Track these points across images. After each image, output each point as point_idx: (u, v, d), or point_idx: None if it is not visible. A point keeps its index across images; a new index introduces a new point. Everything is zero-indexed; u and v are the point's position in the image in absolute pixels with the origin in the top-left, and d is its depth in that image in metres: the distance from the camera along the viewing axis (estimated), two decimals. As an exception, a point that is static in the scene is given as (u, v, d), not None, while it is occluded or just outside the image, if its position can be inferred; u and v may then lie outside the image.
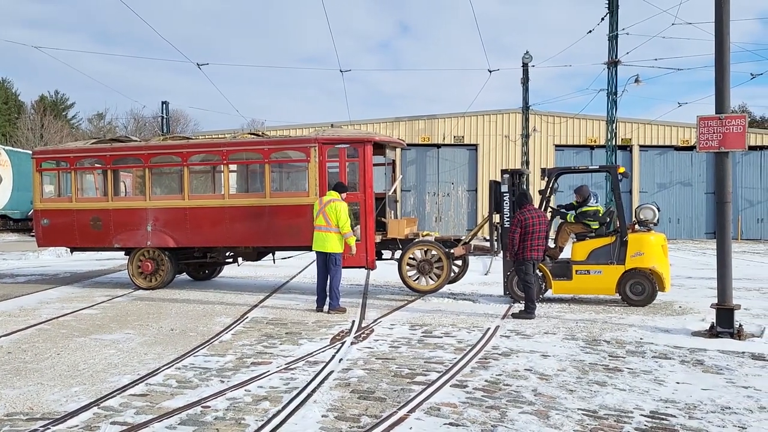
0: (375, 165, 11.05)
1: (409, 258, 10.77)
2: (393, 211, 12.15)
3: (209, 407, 4.79)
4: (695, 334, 7.53)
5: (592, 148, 31.39)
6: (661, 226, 10.48)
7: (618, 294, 9.69)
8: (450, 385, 5.37)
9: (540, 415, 4.64)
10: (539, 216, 8.90)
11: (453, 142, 31.93)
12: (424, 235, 11.33)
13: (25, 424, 4.46)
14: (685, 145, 31.33)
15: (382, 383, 5.44)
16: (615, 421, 4.52)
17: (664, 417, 4.62)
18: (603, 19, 25.11)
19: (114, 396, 5.09)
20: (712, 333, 7.40)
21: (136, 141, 12.81)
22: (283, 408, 4.75)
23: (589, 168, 12.36)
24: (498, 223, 10.48)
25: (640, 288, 9.58)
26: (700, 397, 5.11)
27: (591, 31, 25.91)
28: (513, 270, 9.75)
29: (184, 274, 13.02)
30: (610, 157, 26.38)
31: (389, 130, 31.06)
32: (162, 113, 39.89)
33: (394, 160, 12.77)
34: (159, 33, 73.16)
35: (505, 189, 10.21)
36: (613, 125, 26.26)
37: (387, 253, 11.54)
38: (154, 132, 48.04)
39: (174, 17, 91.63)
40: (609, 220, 10.25)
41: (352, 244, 9.26)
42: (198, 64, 23.14)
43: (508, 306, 9.59)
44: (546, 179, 10.25)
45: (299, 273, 14.20)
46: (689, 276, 13.93)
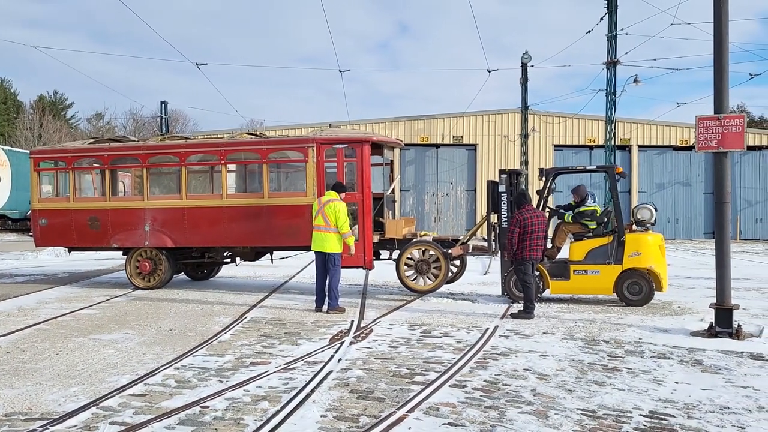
0: (373, 165, 11.05)
1: (407, 258, 10.77)
2: (391, 211, 12.15)
3: (208, 407, 4.79)
4: (694, 334, 7.53)
5: (591, 148, 31.42)
6: (659, 226, 10.50)
7: (615, 294, 9.71)
8: (449, 385, 5.37)
9: (539, 415, 4.64)
10: (538, 216, 8.91)
11: (452, 142, 31.94)
12: (421, 235, 11.34)
13: (23, 424, 4.46)
14: (684, 145, 31.37)
15: (381, 383, 5.44)
16: (614, 421, 4.53)
17: (663, 417, 4.62)
18: (602, 19, 25.15)
19: (113, 396, 5.08)
20: (710, 333, 7.40)
21: (134, 141, 12.81)
22: (282, 408, 4.75)
23: (587, 168, 12.37)
24: (495, 223, 10.48)
25: (637, 288, 9.59)
26: (698, 396, 5.11)
27: (590, 31, 26.00)
28: (511, 270, 9.76)
29: (182, 274, 13.01)
30: (609, 157, 26.40)
31: (388, 130, 31.06)
32: (161, 113, 39.86)
33: (392, 160, 12.78)
34: (158, 33, 73.13)
35: (502, 189, 10.23)
36: (612, 125, 26.29)
37: (385, 253, 11.54)
38: (153, 132, 48.02)
39: (173, 17, 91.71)
40: (606, 220, 10.26)
41: (351, 244, 9.26)
42: (197, 64, 23.16)
43: (507, 306, 9.60)
44: (544, 179, 10.26)
45: (298, 273, 14.20)
46: (688, 276, 13.95)
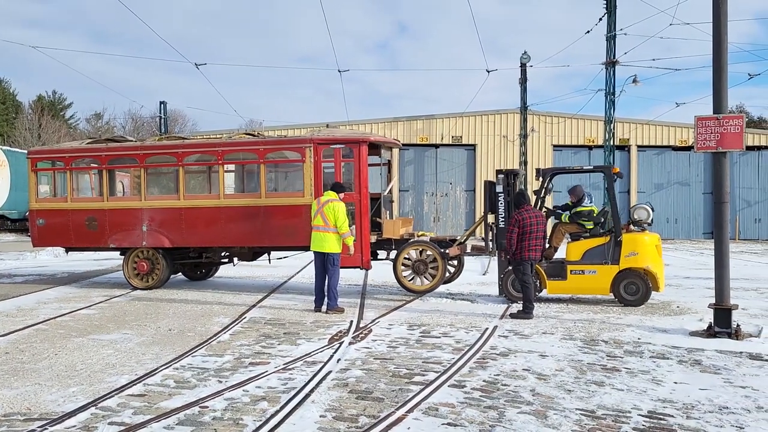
0: (370, 165, 11.05)
1: (404, 258, 10.78)
2: (389, 212, 12.15)
3: (207, 407, 4.78)
4: (693, 334, 7.54)
5: (590, 148, 31.44)
6: (658, 226, 10.52)
7: (612, 294, 9.71)
8: (448, 385, 5.37)
9: (538, 415, 4.64)
10: (537, 216, 8.91)
11: (451, 142, 31.95)
12: (419, 236, 11.35)
13: (22, 424, 4.45)
14: (683, 145, 31.40)
15: (380, 383, 5.44)
16: (613, 421, 4.53)
17: (662, 417, 4.62)
18: (601, 19, 25.13)
19: (112, 396, 5.08)
20: (709, 333, 7.41)
21: (132, 141, 12.80)
22: (281, 408, 4.75)
23: (584, 168, 12.35)
24: (492, 223, 10.48)
25: (634, 288, 9.59)
26: (697, 397, 5.11)
27: (589, 32, 25.97)
28: (508, 270, 9.75)
29: (180, 274, 13.00)
30: (608, 157, 26.39)
31: (387, 130, 31.07)
32: (160, 113, 39.86)
33: (389, 161, 12.78)
34: (157, 33, 73.31)
35: (499, 189, 10.22)
36: (611, 125, 26.28)
37: (382, 253, 11.54)
38: (152, 132, 48.01)
39: (172, 17, 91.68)
40: (603, 220, 10.26)
41: (350, 244, 9.27)
42: (196, 64, 23.12)
43: (506, 306, 9.60)
44: (541, 179, 10.27)
45: (297, 273, 14.19)
46: (687, 276, 13.96)
